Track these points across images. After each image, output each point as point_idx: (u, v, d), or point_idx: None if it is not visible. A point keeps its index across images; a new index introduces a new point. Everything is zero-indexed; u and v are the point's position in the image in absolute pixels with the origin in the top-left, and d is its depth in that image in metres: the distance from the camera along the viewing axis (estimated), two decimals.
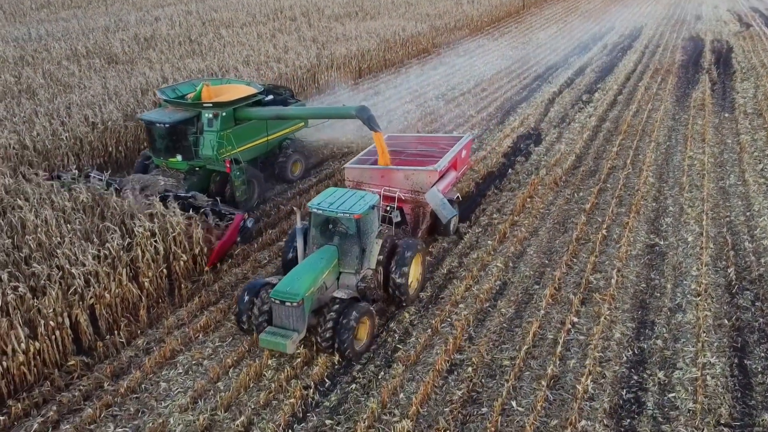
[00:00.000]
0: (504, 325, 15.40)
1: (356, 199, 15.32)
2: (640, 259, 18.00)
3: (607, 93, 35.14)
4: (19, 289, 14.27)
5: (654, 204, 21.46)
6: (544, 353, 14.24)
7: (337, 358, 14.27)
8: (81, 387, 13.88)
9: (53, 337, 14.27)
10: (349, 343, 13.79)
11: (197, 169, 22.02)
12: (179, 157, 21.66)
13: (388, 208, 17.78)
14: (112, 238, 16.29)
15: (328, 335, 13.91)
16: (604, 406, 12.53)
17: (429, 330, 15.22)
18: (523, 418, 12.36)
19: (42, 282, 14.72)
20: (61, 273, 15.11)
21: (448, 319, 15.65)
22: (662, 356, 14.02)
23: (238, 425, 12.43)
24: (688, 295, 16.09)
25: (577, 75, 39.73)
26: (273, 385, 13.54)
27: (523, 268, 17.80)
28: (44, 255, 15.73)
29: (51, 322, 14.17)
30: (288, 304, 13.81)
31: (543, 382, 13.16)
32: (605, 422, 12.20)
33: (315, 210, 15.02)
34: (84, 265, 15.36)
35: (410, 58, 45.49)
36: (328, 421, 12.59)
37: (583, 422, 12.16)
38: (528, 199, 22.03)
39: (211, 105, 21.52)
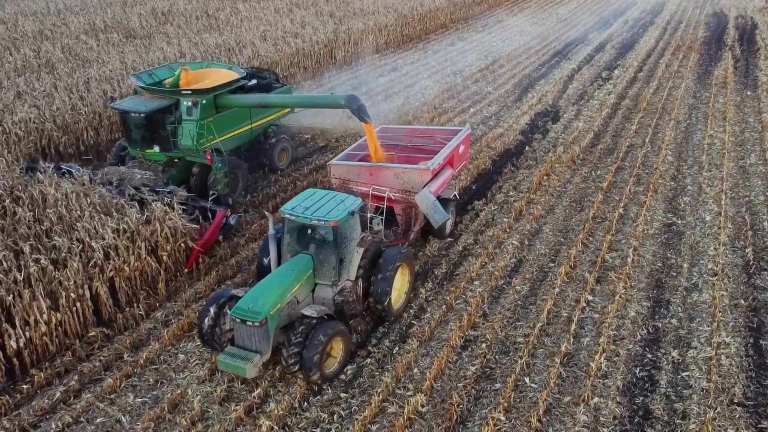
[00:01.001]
0: (518, 302, 15.45)
1: (335, 203, 13.88)
2: (657, 238, 17.91)
3: (627, 70, 34.69)
4: (41, 261, 14.53)
5: (672, 183, 21.28)
6: (558, 331, 14.30)
7: (352, 335, 14.44)
8: (101, 358, 14.18)
9: (74, 308, 14.55)
10: (317, 367, 12.45)
11: (176, 160, 20.64)
12: (157, 149, 20.25)
13: (378, 210, 16.52)
14: (130, 213, 16.49)
15: (293, 360, 12.53)
16: (617, 384, 12.60)
17: (443, 306, 15.32)
18: (536, 394, 12.47)
19: (63, 255, 14.97)
20: (81, 246, 15.34)
21: (463, 296, 15.72)
22: (677, 335, 14.02)
23: (254, 397, 12.65)
24: (704, 275, 16.03)
25: (597, 51, 39.23)
26: None
27: (538, 246, 17.80)
28: (65, 228, 15.96)
29: (72, 294, 14.43)
30: (249, 323, 12.42)
31: (556, 359, 13.23)
32: (618, 399, 12.27)
33: (288, 215, 13.57)
34: (104, 238, 15.58)
35: (428, 33, 45.16)
36: (342, 395, 12.78)
37: (596, 399, 12.24)
38: (545, 177, 21.94)
39: (190, 92, 19.99)
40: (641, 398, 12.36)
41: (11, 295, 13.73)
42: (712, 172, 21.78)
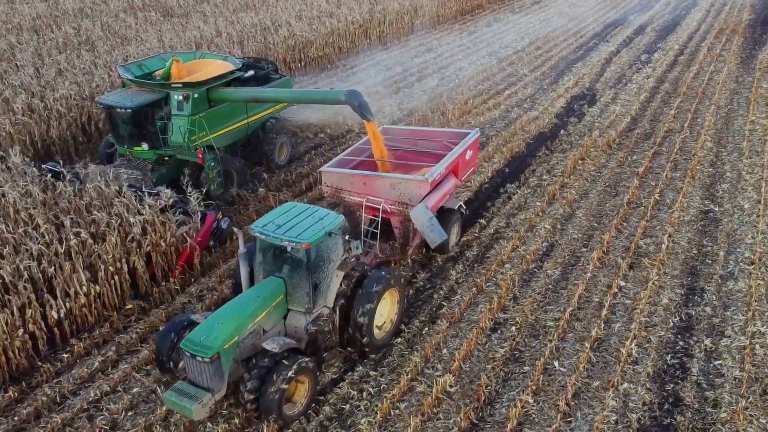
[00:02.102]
0: (549, 286, 15.40)
1: (312, 221, 12.32)
2: (693, 225, 17.65)
3: (668, 53, 33.95)
4: (81, 234, 14.92)
5: (710, 169, 20.88)
6: (589, 315, 14.24)
7: None
8: (138, 330, 14.55)
9: (112, 281, 14.94)
10: (276, 409, 11.18)
11: (167, 158, 19.36)
12: (145, 146, 18.99)
13: (372, 223, 15.39)
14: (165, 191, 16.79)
15: (250, 400, 11.28)
16: (647, 370, 12.54)
17: (474, 288, 15.35)
18: (565, 378, 12.48)
19: (102, 229, 15.34)
20: (119, 221, 15.69)
21: (494, 279, 15.73)
22: (710, 323, 13.86)
23: None
24: (741, 263, 15.77)
25: (637, 34, 38.44)
26: None
27: (571, 231, 17.68)
28: (103, 203, 16.33)
29: (110, 267, 14.81)
30: (199, 358, 11.08)
31: (586, 344, 13.20)
32: (648, 386, 12.21)
33: (258, 234, 12.17)
34: (141, 213, 15.91)
35: (464, 14, 44.71)
36: (372, 373, 12.94)
37: (626, 385, 12.20)
38: (579, 161, 21.71)
39: (180, 85, 18.74)
40: (672, 385, 12.28)
41: (53, 267, 14.15)
42: (753, 159, 21.30)
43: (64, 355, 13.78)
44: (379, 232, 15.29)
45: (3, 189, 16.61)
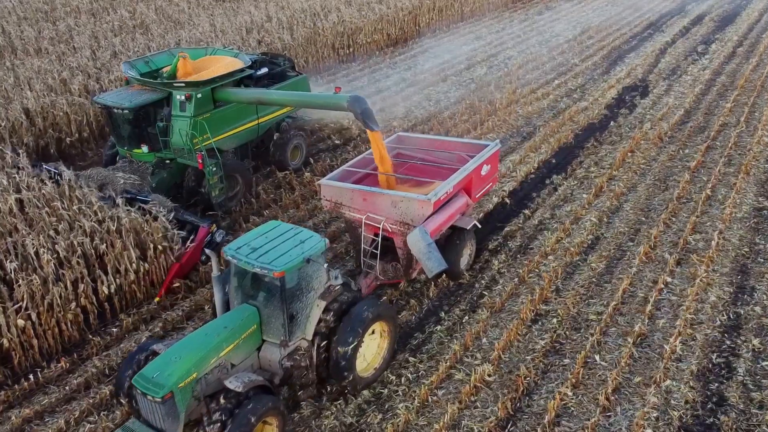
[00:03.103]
0: (593, 279, 15.21)
1: (292, 244, 11.21)
2: (745, 222, 17.15)
3: (726, 44, 32.90)
4: (132, 213, 15.35)
5: (767, 165, 20.22)
6: (633, 311, 14.02)
7: (425, 302, 14.64)
8: (184, 307, 14.93)
9: (160, 259, 15.33)
10: None
11: (167, 161, 18.31)
12: (145, 148, 17.98)
13: (373, 243, 14.18)
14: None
15: None
16: (691, 368, 12.30)
17: (516, 279, 15.27)
18: (606, 372, 12.34)
19: (153, 210, 15.74)
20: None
21: (536, 270, 15.61)
22: (759, 323, 13.50)
23: None
24: None
25: (694, 24, 37.33)
26: None
27: (617, 224, 17.39)
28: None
29: (159, 246, 15.20)
30: (150, 398, 10.03)
31: (629, 339, 13.02)
32: (691, 384, 11.99)
33: (229, 258, 11.08)
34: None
35: (515, 1, 44.08)
36: (411, 359, 13.02)
37: (668, 382, 12.00)
38: (629, 154, 21.28)
39: (183, 84, 17.68)
40: (716, 384, 12.03)
41: (104, 245, 14.60)
42: None
43: (113, 330, 14.25)
44: (379, 252, 14.05)
45: (61, 168, 17.18)
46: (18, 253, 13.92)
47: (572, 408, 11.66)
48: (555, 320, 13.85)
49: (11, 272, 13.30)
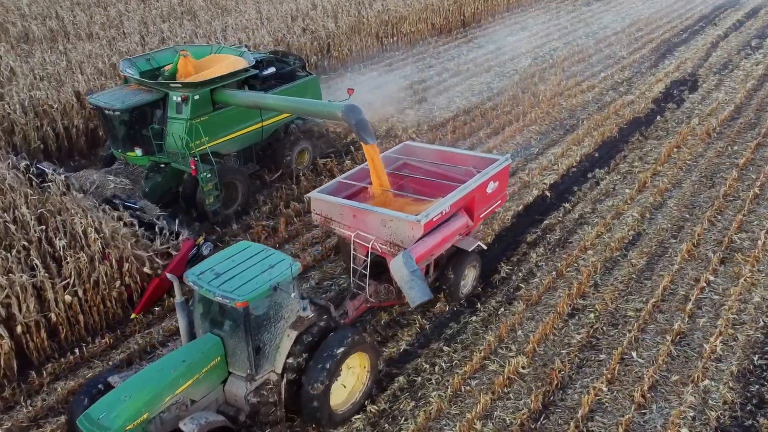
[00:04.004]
0: (633, 276, 15.00)
1: (260, 269, 10.27)
2: None
3: None
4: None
5: None
6: (673, 308, 13.80)
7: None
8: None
9: None
10: None
11: (162, 165, 17.46)
12: (138, 151, 17.04)
13: (363, 264, 13.02)
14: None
15: None
16: (731, 369, 12.08)
17: (554, 273, 15.16)
18: (642, 369, 12.20)
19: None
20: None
21: (575, 264, 15.47)
22: None
23: None
24: None
25: (749, 17, 36.22)
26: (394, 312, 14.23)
27: (660, 220, 17.09)
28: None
29: None
30: None
31: (668, 337, 12.83)
32: (731, 385, 11.77)
33: (190, 284, 10.20)
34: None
35: None
36: (445, 348, 13.07)
37: (707, 382, 11.81)
38: (675, 149, 20.85)
39: (180, 85, 16.84)
40: (757, 386, 11.79)
41: None
42: None
43: (156, 308, 14.62)
44: (368, 273, 12.96)
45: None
46: (67, 231, 14.38)
47: (606, 404, 11.57)
48: (592, 315, 13.73)
49: (60, 249, 13.75)
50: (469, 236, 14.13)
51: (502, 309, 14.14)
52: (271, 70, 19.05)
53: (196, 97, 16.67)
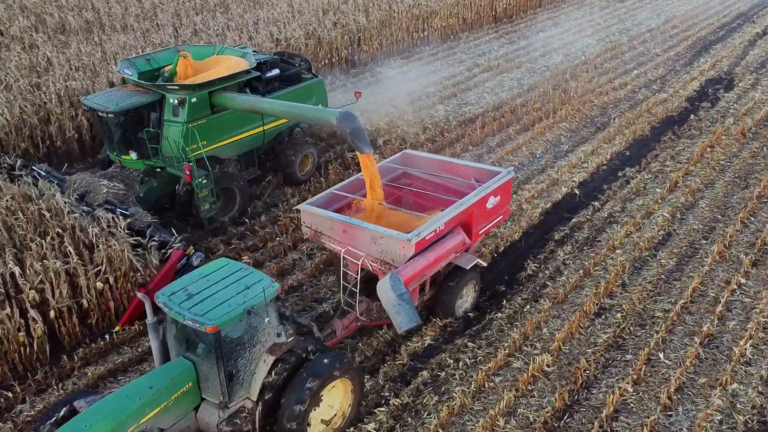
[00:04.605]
0: (662, 276, 14.83)
1: (235, 290, 9.61)
2: None
3: None
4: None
5: None
6: (702, 310, 13.61)
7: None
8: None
9: None
10: None
11: (158, 169, 16.87)
12: (133, 155, 16.53)
13: (354, 282, 12.41)
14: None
15: None
16: (761, 373, 11.89)
17: (581, 271, 15.05)
18: (669, 371, 12.07)
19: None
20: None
21: (603, 263, 15.33)
22: None
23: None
24: None
25: None
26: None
27: (691, 221, 16.85)
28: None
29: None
30: None
31: (696, 339, 12.67)
32: (760, 389, 11.59)
33: (161, 304, 9.56)
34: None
35: None
36: (470, 344, 13.07)
37: (735, 385, 11.64)
38: (708, 149, 20.51)
39: (177, 87, 16.23)
40: None
41: None
42: None
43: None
44: (358, 290, 12.33)
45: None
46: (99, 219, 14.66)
47: (632, 404, 11.48)
48: (619, 315, 13.60)
49: (93, 237, 14.02)
50: (467, 253, 13.39)
51: (528, 306, 14.08)
52: (275, 71, 18.49)
53: (194, 99, 16.10)
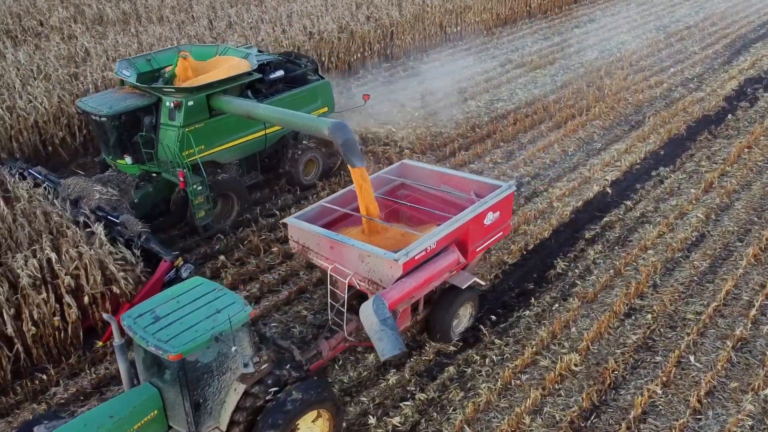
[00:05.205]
0: (694, 278, 14.60)
1: (204, 314, 8.96)
2: None
3: None
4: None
5: None
6: (735, 313, 13.38)
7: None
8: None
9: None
10: None
11: (154, 174, 16.32)
12: (128, 159, 15.92)
13: (341, 301, 11.78)
14: None
15: None
16: None
17: (611, 271, 14.89)
18: (700, 374, 11.90)
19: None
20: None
21: (634, 263, 15.15)
22: None
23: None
24: None
25: None
26: None
27: (726, 222, 16.55)
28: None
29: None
30: None
31: (728, 343, 12.46)
32: None
33: (125, 327, 8.92)
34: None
35: None
36: (497, 341, 13.02)
37: None
38: (745, 150, 20.10)
39: (173, 90, 15.65)
40: None
41: None
42: None
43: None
44: (345, 309, 11.66)
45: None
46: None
47: (660, 406, 11.34)
48: (649, 316, 13.44)
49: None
50: (464, 271, 12.59)
51: (557, 305, 13.98)
52: (279, 73, 17.79)
53: (190, 103, 15.48)
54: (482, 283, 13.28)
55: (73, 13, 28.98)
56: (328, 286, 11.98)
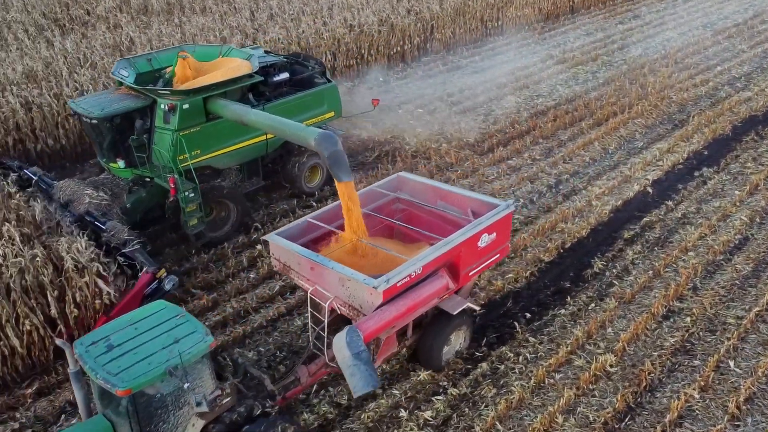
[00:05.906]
0: (736, 282, 14.28)
1: (161, 343, 8.36)
2: None
3: None
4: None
5: None
6: None
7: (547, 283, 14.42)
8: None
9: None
10: None
11: (147, 179, 15.79)
12: (121, 163, 15.33)
13: (319, 325, 10.78)
14: None
15: None
16: None
17: (650, 272, 14.66)
18: (739, 380, 11.66)
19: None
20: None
21: (674, 265, 14.89)
22: None
23: None
24: None
25: None
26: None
27: None
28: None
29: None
30: None
31: None
32: None
33: (77, 356, 8.34)
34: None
35: None
36: (531, 339, 12.94)
37: None
38: None
39: (168, 92, 15.01)
40: None
41: None
42: None
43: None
44: (326, 334, 10.65)
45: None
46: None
47: (697, 411, 11.15)
48: (688, 319, 13.20)
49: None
50: (456, 295, 11.72)
51: (593, 305, 13.83)
52: (284, 75, 17.08)
53: (185, 106, 14.79)
54: (476, 308, 12.31)
55: (118, 3, 29.53)
56: (309, 309, 11.12)
